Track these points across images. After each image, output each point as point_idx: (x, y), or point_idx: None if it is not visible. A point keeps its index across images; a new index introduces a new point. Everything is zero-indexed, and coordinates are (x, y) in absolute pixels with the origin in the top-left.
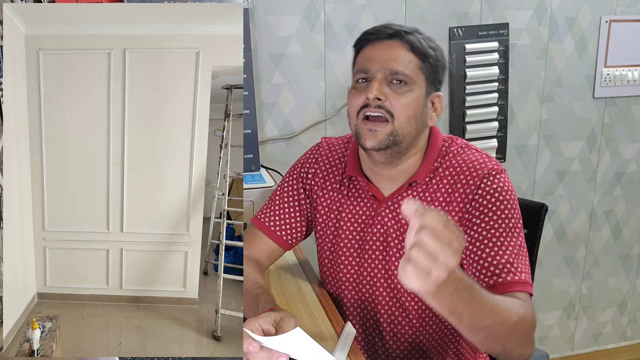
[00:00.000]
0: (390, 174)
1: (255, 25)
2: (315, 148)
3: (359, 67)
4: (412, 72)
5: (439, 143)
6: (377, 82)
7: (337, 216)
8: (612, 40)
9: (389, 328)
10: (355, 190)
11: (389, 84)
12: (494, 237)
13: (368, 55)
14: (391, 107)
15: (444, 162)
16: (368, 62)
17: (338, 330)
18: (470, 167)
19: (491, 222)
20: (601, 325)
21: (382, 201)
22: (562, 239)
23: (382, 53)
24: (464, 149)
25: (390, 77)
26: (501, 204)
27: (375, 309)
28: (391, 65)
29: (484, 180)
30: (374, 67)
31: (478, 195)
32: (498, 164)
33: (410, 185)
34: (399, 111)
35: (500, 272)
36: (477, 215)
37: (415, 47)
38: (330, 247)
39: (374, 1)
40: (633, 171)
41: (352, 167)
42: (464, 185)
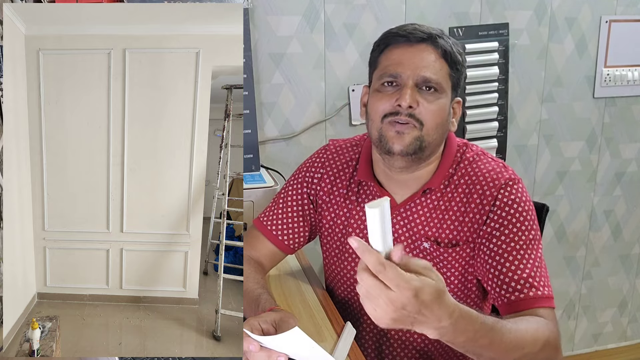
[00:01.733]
0: (404, 179)
1: (255, 25)
2: (322, 151)
3: (387, 71)
4: (442, 79)
5: (453, 148)
6: (410, 89)
7: (345, 222)
8: (612, 40)
9: (397, 336)
10: (366, 196)
11: (419, 90)
12: (514, 251)
13: (398, 58)
14: (421, 115)
15: (459, 169)
16: (398, 66)
17: (338, 330)
18: (487, 176)
19: (511, 235)
20: (601, 325)
21: (395, 207)
22: (562, 239)
23: (414, 57)
24: (480, 156)
25: (421, 84)
26: (520, 216)
27: None
28: (423, 73)
29: (500, 191)
30: (406, 72)
31: (496, 207)
32: (514, 173)
33: (424, 192)
34: (428, 119)
35: (522, 288)
36: (497, 227)
37: (447, 53)
38: (337, 253)
39: (374, 1)
40: (633, 171)
41: (364, 172)
42: (480, 195)
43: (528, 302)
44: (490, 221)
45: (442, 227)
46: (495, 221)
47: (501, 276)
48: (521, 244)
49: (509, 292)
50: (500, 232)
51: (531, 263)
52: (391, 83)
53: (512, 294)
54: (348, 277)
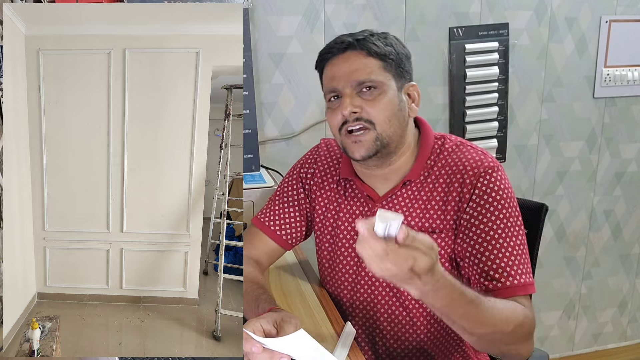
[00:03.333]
0: (383, 174)
1: (255, 25)
2: (314, 149)
3: (327, 88)
4: (376, 75)
5: (430, 140)
6: (348, 97)
7: (335, 216)
8: (612, 40)
9: (389, 328)
10: (352, 191)
11: (359, 93)
12: (493, 240)
13: (330, 73)
14: (368, 115)
15: (438, 160)
16: (333, 80)
17: (338, 330)
18: (467, 164)
19: (489, 224)
20: (601, 325)
21: (377, 200)
22: (562, 239)
23: (342, 68)
24: (459, 146)
25: (358, 88)
26: (498, 204)
27: (375, 309)
28: (355, 77)
29: (480, 179)
30: (340, 83)
31: (475, 195)
32: (494, 160)
33: (404, 185)
34: (377, 116)
35: (500, 277)
36: (475, 216)
37: (372, 51)
38: (328, 247)
39: (374, 1)
40: (633, 171)
41: (346, 170)
42: (461, 184)
43: (506, 291)
44: (469, 209)
45: (425, 216)
46: (474, 209)
47: (480, 264)
48: (500, 232)
49: (488, 280)
50: (479, 221)
51: (509, 251)
52: (335, 97)
53: (491, 282)
54: (338, 269)
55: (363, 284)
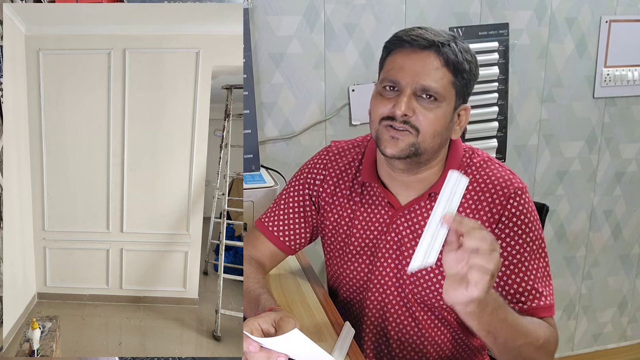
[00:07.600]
0: (408, 181)
1: (255, 25)
2: (324, 152)
3: (388, 75)
4: (443, 88)
5: (460, 153)
6: (407, 97)
7: (349, 223)
8: (612, 40)
9: (396, 336)
10: (370, 197)
11: (418, 98)
12: (520, 263)
13: (399, 63)
14: (417, 122)
15: (466, 174)
16: (399, 72)
17: (338, 330)
18: (496, 184)
19: (517, 247)
20: (601, 325)
21: (398, 209)
22: (562, 239)
23: (415, 65)
24: (487, 162)
25: (420, 92)
26: (526, 227)
27: (384, 317)
28: (422, 81)
29: (510, 201)
30: (405, 79)
31: (505, 217)
32: (521, 181)
33: (430, 196)
34: (425, 127)
35: (526, 299)
36: (503, 237)
37: (450, 61)
38: (340, 254)
39: (374, 1)
40: (633, 171)
41: (368, 173)
42: (490, 203)
43: (531, 312)
44: (498, 231)
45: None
46: (502, 230)
47: (507, 287)
48: (526, 255)
49: (514, 302)
50: (507, 243)
51: (534, 274)
52: (392, 87)
53: (516, 304)
54: (351, 277)
55: (374, 292)
